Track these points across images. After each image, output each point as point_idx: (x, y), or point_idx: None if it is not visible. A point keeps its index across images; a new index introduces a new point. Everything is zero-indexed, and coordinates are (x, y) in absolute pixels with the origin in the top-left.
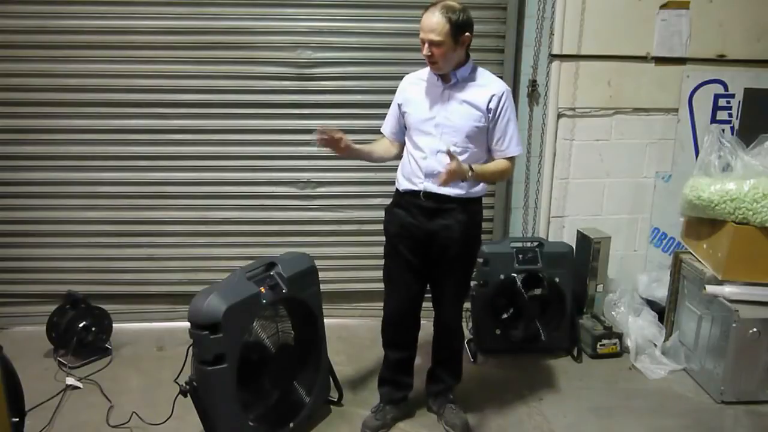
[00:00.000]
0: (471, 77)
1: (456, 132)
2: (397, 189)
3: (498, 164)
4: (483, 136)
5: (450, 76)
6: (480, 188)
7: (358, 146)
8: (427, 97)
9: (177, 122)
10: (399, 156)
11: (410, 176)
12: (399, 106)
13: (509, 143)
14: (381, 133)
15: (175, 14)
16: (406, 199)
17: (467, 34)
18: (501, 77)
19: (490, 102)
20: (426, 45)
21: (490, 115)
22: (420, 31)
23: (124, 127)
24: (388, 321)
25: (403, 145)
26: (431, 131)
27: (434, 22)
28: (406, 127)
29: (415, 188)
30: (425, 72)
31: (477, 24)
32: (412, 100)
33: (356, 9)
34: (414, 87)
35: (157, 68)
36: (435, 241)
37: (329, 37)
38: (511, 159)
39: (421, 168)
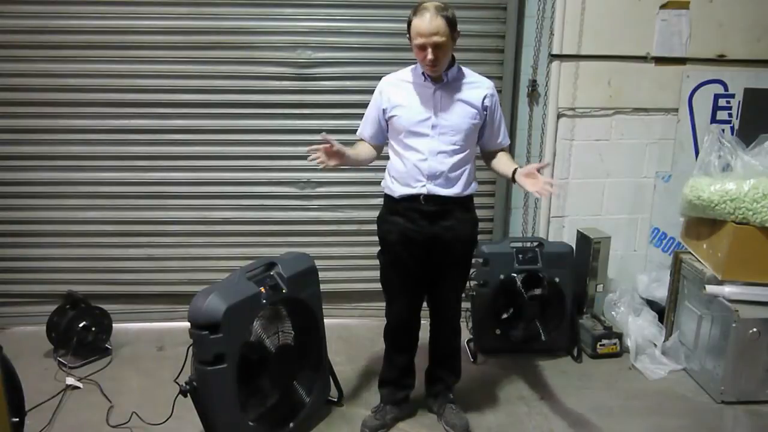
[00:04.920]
0: (459, 76)
1: (455, 131)
2: (389, 196)
3: (508, 155)
4: (476, 134)
5: (441, 76)
6: (474, 186)
7: (348, 152)
8: (418, 99)
9: (177, 122)
10: (376, 158)
11: (407, 180)
12: (384, 110)
13: (503, 135)
14: (359, 136)
15: (175, 14)
16: (403, 206)
17: (458, 29)
18: (501, 77)
19: (484, 100)
20: (429, 50)
21: (486, 113)
22: (417, 38)
23: (124, 127)
24: (393, 328)
25: (381, 147)
26: (427, 132)
27: (435, 24)
28: (389, 131)
29: (414, 192)
30: (406, 73)
31: (477, 24)
32: (401, 103)
33: (356, 9)
34: (398, 89)
35: (157, 68)
36: (438, 244)
37: (329, 37)
38: (506, 149)
39: (422, 170)
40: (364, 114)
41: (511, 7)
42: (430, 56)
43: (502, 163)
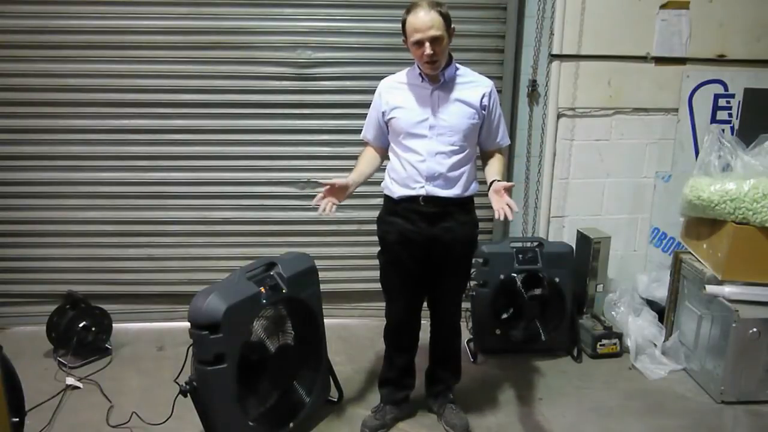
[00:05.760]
0: (457, 75)
1: (453, 132)
2: (388, 197)
3: (500, 160)
4: (476, 134)
5: (438, 76)
6: (474, 187)
7: (352, 178)
8: (416, 100)
9: (177, 122)
10: (384, 161)
11: (406, 181)
12: (383, 113)
13: (502, 135)
14: (363, 138)
15: (175, 14)
16: (403, 207)
17: (453, 27)
18: (501, 77)
19: (483, 99)
20: (427, 45)
21: (485, 113)
22: (413, 34)
23: (124, 127)
24: (392, 329)
25: (386, 149)
26: (425, 133)
27: (430, 18)
28: (389, 133)
29: (413, 193)
30: (403, 75)
31: (477, 24)
32: (399, 105)
33: (356, 9)
34: (396, 91)
35: (157, 68)
36: (437, 246)
37: (329, 37)
38: (503, 150)
39: (420, 171)
40: (364, 113)
41: (511, 7)
42: (428, 51)
43: (489, 171)
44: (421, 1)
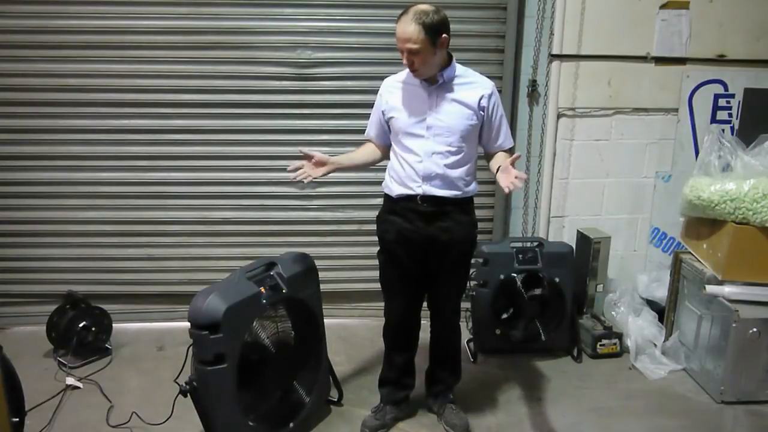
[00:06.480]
0: (457, 76)
1: (450, 132)
2: (388, 195)
3: (506, 156)
4: (475, 134)
5: (437, 77)
6: (473, 187)
7: (337, 158)
8: (414, 100)
9: (177, 122)
10: (383, 158)
11: (405, 181)
12: (383, 112)
13: (505, 137)
14: (366, 136)
15: (175, 14)
16: (401, 206)
17: (444, 35)
18: (501, 77)
19: (481, 100)
20: (405, 54)
21: (483, 114)
22: (396, 41)
23: (124, 127)
24: (391, 328)
25: (388, 148)
26: (423, 133)
27: (409, 31)
28: (391, 132)
29: (411, 192)
30: (405, 74)
31: (477, 24)
32: (398, 105)
33: (356, 9)
34: (396, 91)
35: (157, 68)
36: (435, 245)
37: (329, 37)
38: (508, 151)
39: (418, 171)
40: (363, 113)
41: (511, 7)
42: (404, 61)
43: (493, 163)
44: (411, 9)
